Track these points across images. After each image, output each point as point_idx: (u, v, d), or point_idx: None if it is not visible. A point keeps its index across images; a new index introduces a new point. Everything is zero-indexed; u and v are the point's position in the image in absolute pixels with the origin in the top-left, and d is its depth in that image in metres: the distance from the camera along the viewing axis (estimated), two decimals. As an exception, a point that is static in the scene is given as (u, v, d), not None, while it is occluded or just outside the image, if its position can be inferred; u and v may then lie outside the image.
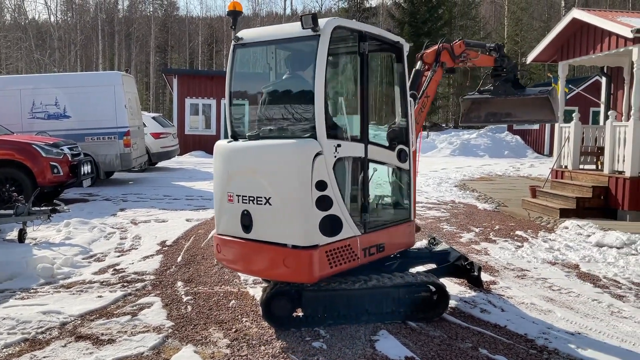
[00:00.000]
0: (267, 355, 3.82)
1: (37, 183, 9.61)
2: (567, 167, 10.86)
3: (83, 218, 8.38)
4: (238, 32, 4.47)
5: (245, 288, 5.33)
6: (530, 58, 12.43)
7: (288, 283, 4.19)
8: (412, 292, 4.43)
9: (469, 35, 35.78)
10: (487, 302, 5.02)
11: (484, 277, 5.62)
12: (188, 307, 4.80)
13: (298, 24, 3.98)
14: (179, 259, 6.45)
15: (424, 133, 24.80)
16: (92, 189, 12.18)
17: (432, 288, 4.49)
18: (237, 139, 4.44)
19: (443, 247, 5.69)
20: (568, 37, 11.14)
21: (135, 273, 5.85)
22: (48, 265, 5.73)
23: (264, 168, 4.06)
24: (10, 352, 3.88)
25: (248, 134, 4.33)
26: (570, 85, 22.20)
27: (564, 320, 4.60)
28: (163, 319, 4.49)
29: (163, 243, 7.27)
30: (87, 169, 11.00)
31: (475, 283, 5.35)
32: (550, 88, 6.42)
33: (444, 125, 35.50)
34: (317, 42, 3.94)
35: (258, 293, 5.02)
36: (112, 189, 12.50)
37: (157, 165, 17.77)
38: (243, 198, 4.15)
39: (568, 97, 14.05)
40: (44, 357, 3.79)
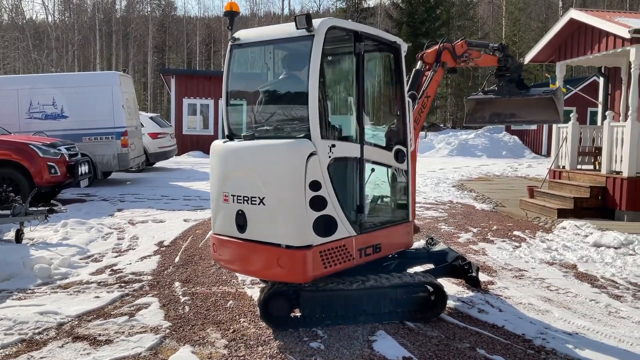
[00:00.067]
0: (264, 356, 3.82)
1: (34, 183, 9.59)
2: (564, 167, 10.87)
3: (80, 218, 8.37)
4: (235, 32, 4.47)
5: (243, 288, 5.32)
6: (528, 58, 12.45)
7: (285, 283, 4.19)
8: (410, 292, 4.42)
9: (467, 36, 35.77)
10: (484, 302, 5.02)
11: (482, 277, 5.63)
12: (186, 307, 4.80)
13: (293, 24, 3.99)
14: (177, 260, 6.44)
15: (422, 133, 24.82)
16: (89, 189, 12.16)
17: (429, 288, 4.49)
18: (233, 139, 4.44)
19: (441, 247, 5.69)
20: (566, 37, 11.16)
21: (133, 273, 5.84)
22: (45, 266, 5.72)
23: (258, 168, 4.06)
24: (7, 352, 3.87)
25: (243, 134, 4.32)
26: (568, 86, 22.28)
27: (562, 321, 4.60)
28: (160, 320, 4.48)
29: (161, 243, 7.26)
30: (84, 169, 10.97)
31: (473, 283, 5.35)
32: (555, 88, 6.41)
33: (442, 126, 35.57)
34: (311, 42, 3.94)
35: (256, 293, 5.02)
36: (109, 189, 12.47)
37: (154, 166, 17.75)
38: (238, 198, 4.15)
39: (566, 97, 14.10)
40: (41, 357, 3.78)
